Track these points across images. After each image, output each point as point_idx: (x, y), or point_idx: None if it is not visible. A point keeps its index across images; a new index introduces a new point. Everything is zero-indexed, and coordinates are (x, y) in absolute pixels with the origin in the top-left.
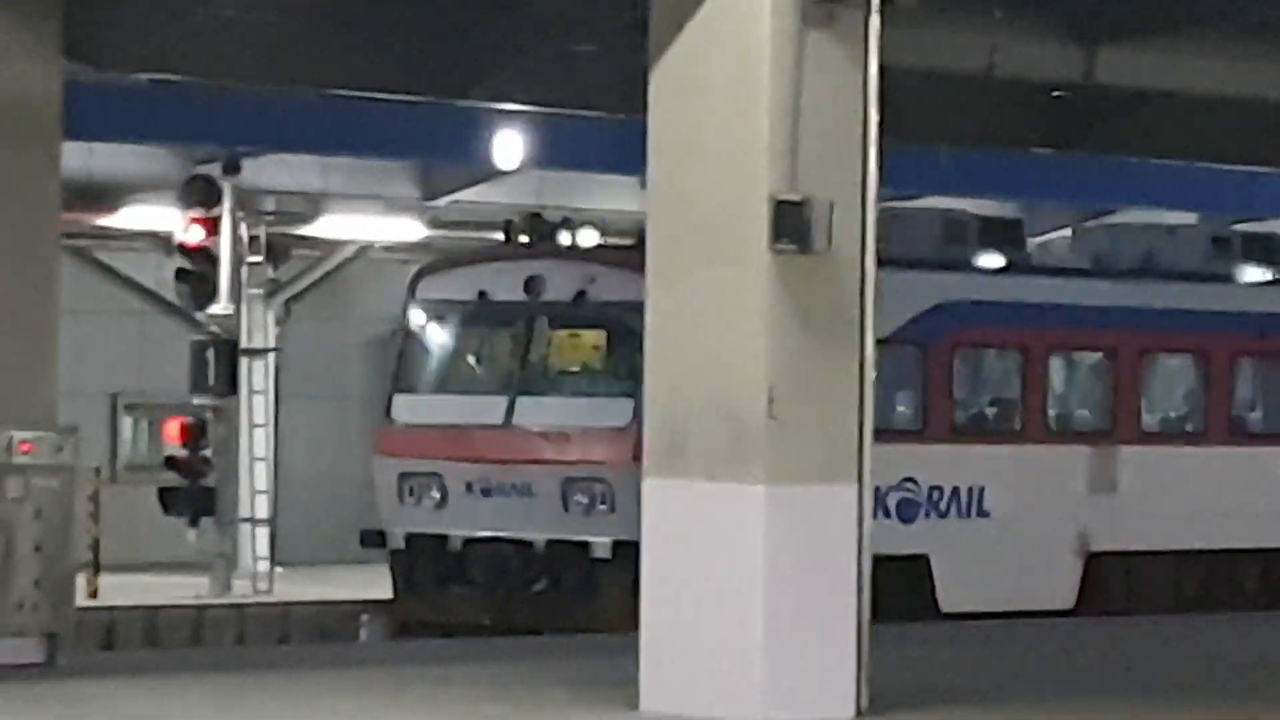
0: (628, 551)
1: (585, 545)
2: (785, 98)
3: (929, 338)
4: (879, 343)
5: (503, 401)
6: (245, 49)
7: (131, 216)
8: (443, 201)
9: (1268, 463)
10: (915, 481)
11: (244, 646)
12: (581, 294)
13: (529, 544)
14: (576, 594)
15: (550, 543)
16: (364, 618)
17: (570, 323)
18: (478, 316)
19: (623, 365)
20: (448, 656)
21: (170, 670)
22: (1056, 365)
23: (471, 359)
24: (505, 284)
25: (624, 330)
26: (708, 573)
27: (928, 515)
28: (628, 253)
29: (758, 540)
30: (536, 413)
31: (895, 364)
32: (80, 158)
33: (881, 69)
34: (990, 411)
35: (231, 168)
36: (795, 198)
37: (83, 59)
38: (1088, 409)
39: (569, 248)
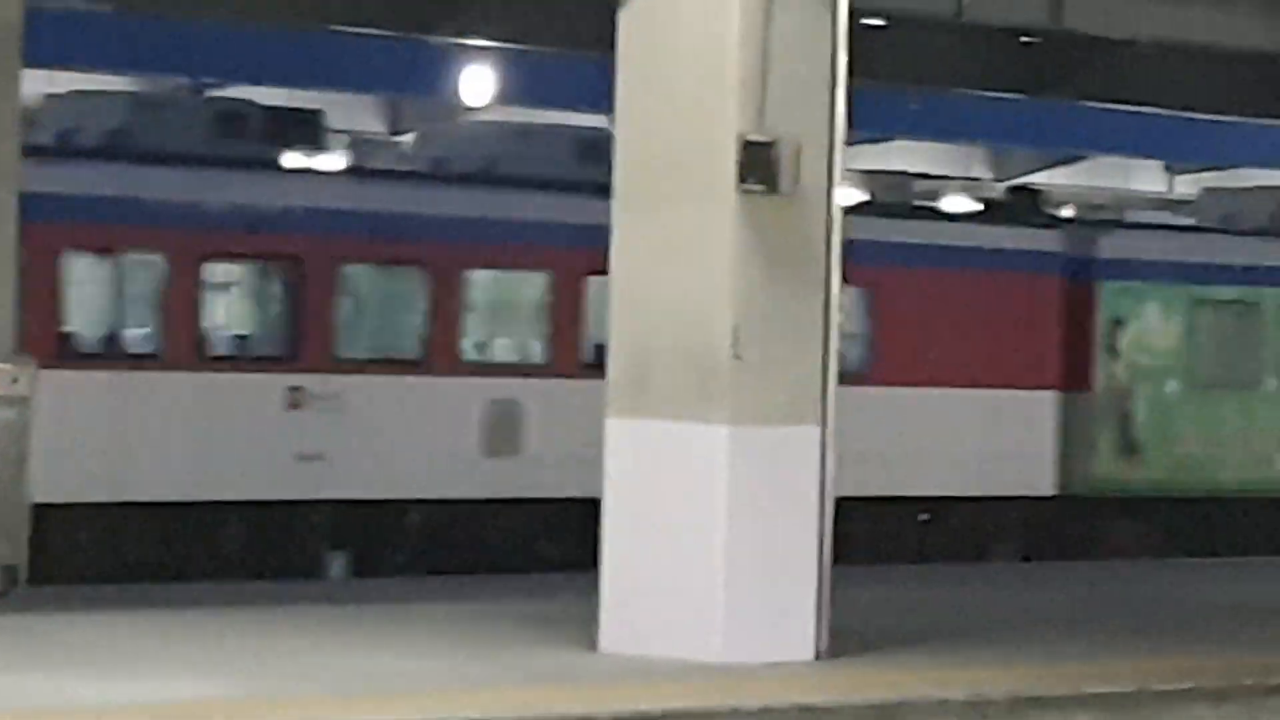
0: None
1: None
2: (754, 37)
3: None
4: None
5: None
6: None
7: None
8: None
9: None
10: None
11: (209, 582)
12: None
13: None
14: None
15: None
16: (332, 554)
17: None
18: None
19: None
20: (406, 595)
21: (131, 604)
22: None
23: None
24: None
25: None
26: (669, 513)
27: None
28: None
29: (720, 481)
30: None
31: None
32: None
33: (851, 10)
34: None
35: None
36: (763, 138)
37: None
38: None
39: None
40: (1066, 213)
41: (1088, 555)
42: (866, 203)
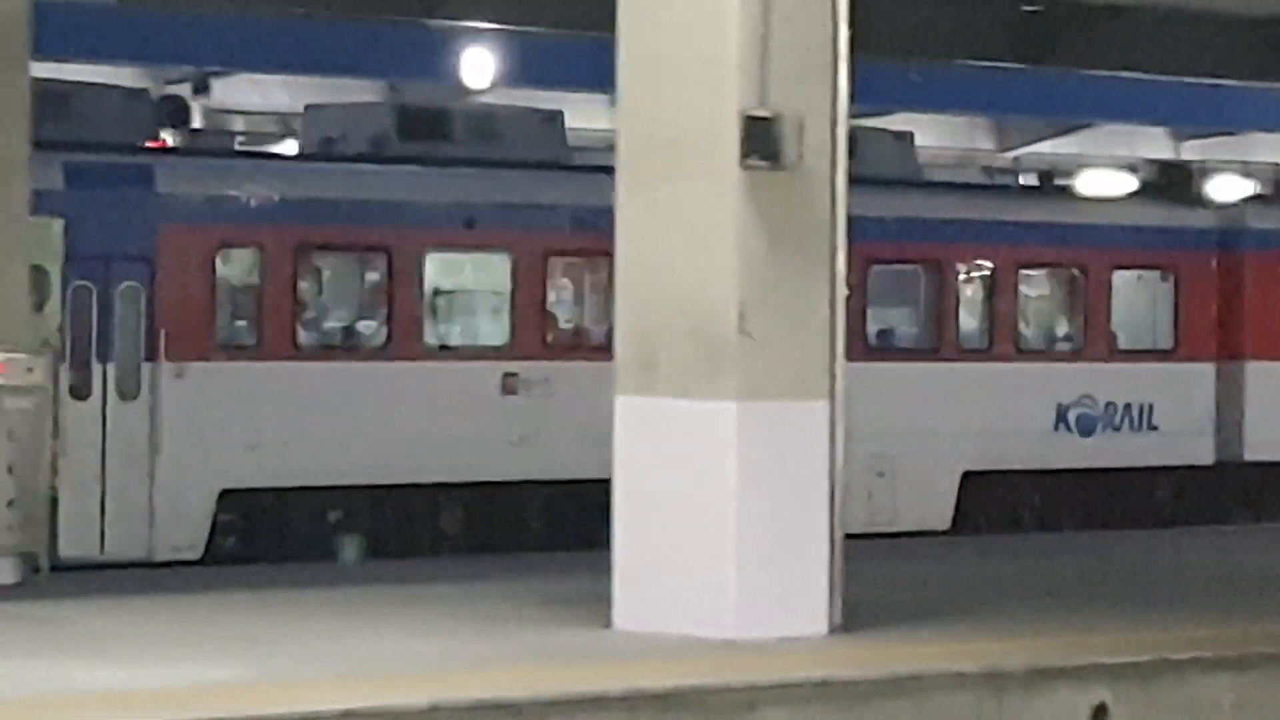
0: None
1: None
2: (755, 13)
3: None
4: None
5: None
6: None
7: None
8: None
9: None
10: None
11: (218, 566)
12: None
13: None
14: None
15: None
16: (344, 538)
17: None
18: None
19: None
20: (422, 575)
21: (137, 590)
22: None
23: None
24: None
25: None
26: (680, 491)
27: None
28: None
29: (730, 458)
30: None
31: None
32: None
33: None
34: None
35: (201, 87)
36: (765, 113)
37: None
38: None
39: None
40: None
41: None
42: None
